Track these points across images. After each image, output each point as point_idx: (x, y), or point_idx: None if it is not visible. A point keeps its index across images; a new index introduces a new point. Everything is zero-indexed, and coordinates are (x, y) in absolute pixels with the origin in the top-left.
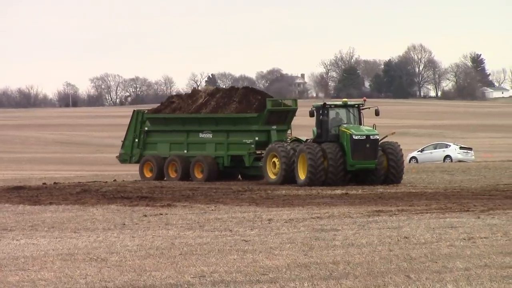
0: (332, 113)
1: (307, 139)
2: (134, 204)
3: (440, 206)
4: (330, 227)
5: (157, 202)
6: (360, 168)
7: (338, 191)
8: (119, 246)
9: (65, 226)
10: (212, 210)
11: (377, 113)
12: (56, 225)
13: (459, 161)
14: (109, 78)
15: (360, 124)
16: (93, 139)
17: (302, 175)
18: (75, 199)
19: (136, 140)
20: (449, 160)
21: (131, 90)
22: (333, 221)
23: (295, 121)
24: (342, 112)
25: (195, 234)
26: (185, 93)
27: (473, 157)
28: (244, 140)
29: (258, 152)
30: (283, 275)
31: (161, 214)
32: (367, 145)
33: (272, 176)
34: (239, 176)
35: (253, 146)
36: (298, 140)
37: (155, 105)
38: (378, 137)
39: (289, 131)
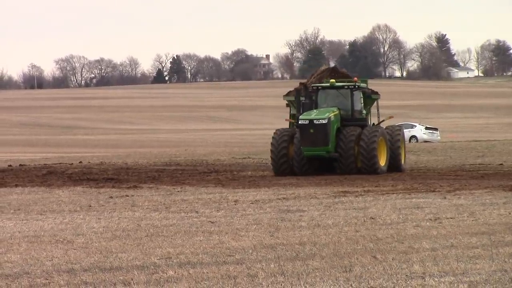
0: (315, 96)
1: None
2: (100, 186)
3: (406, 187)
4: (296, 208)
5: (123, 184)
6: (311, 156)
7: None
8: (85, 228)
9: (31, 208)
10: (178, 191)
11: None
12: (22, 207)
13: (425, 141)
14: (74, 60)
15: (352, 108)
16: (59, 120)
17: None
18: (41, 181)
19: None
20: (415, 141)
21: (96, 72)
22: (299, 202)
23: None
24: (328, 95)
25: (161, 216)
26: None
27: (439, 137)
28: None
29: None
30: (249, 256)
31: (127, 196)
32: (311, 131)
33: None
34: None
35: None
36: None
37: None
38: (325, 122)
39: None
